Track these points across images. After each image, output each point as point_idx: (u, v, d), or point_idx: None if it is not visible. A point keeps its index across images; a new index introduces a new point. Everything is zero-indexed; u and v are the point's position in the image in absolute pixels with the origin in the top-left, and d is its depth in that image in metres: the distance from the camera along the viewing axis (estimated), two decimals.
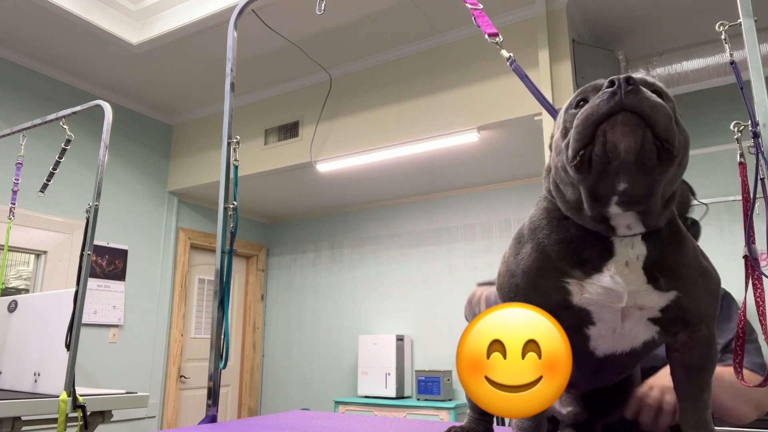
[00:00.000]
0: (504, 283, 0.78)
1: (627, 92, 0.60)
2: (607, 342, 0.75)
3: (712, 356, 0.76)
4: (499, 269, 0.81)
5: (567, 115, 0.68)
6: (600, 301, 0.70)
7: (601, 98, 0.61)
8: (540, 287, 0.72)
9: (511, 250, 0.78)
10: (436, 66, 3.59)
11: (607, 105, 0.60)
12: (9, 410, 1.83)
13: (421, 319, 4.59)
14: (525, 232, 0.77)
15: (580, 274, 0.70)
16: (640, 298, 0.70)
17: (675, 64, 3.29)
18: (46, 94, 3.97)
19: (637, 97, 0.60)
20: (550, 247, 0.72)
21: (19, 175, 2.77)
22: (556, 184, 0.71)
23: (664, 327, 0.74)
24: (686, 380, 0.75)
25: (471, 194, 4.61)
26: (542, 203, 0.77)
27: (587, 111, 0.62)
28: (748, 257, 0.97)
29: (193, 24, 3.39)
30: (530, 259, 0.73)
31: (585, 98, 0.67)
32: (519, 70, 1.22)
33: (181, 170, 4.71)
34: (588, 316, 0.72)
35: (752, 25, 1.02)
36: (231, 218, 1.56)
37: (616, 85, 0.61)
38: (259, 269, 5.56)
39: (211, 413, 1.42)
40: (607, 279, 0.69)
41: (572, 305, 0.71)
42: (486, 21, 1.27)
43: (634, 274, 0.69)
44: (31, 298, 2.43)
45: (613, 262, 0.69)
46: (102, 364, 4.06)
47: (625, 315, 0.71)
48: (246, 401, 5.25)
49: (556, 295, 0.71)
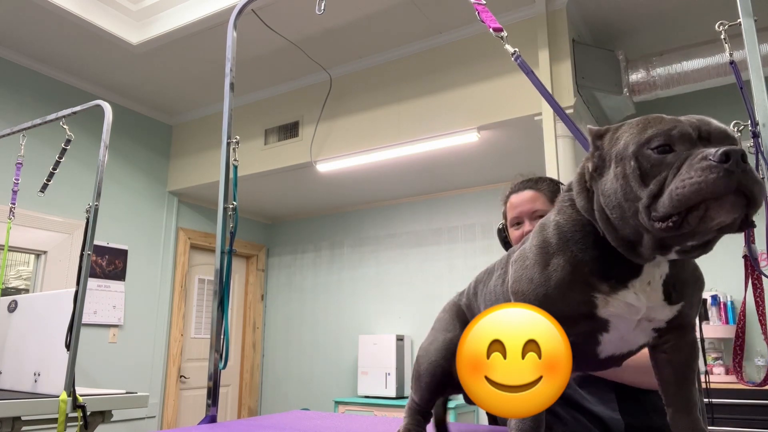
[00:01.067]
0: (527, 290, 0.77)
1: (742, 172, 0.59)
2: (613, 346, 0.78)
3: (696, 355, 0.79)
4: (518, 274, 0.80)
5: (643, 154, 0.65)
6: (621, 314, 0.73)
7: (716, 174, 0.58)
8: (569, 299, 0.73)
9: (538, 258, 0.77)
10: (436, 66, 3.59)
11: (724, 185, 0.58)
12: (9, 410, 1.83)
13: (421, 319, 4.58)
14: (553, 242, 0.76)
15: (608, 289, 0.72)
16: (654, 312, 0.73)
17: (675, 64, 3.28)
18: (46, 94, 3.97)
19: (749, 178, 0.59)
20: (584, 262, 0.72)
21: (19, 175, 2.77)
22: (606, 215, 0.70)
23: (662, 333, 0.77)
24: (674, 379, 0.78)
25: (471, 194, 4.61)
26: (571, 213, 0.76)
27: (699, 183, 0.59)
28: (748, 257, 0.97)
29: (193, 24, 3.39)
30: (564, 271, 0.73)
31: (669, 144, 0.64)
32: (524, 66, 1.21)
33: (181, 170, 4.71)
34: (605, 325, 0.75)
35: (752, 25, 1.02)
36: (231, 218, 1.56)
37: (732, 162, 0.58)
38: (259, 269, 5.56)
39: (211, 413, 1.42)
40: (631, 296, 0.71)
41: (595, 316, 0.73)
42: (490, 16, 1.27)
43: (655, 292, 0.72)
44: (31, 298, 2.43)
45: (638, 281, 0.71)
46: (102, 364, 4.06)
47: (637, 325, 0.74)
48: (246, 401, 5.25)
49: (583, 307, 0.73)
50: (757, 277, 0.97)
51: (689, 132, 0.64)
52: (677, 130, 0.64)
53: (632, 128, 0.69)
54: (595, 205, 0.71)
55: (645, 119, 0.68)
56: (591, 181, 0.73)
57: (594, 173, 0.72)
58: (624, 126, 0.70)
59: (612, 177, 0.68)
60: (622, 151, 0.68)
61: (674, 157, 0.63)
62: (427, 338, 1.06)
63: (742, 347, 1.02)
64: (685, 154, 0.62)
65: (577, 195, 0.75)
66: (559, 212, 0.78)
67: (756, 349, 3.33)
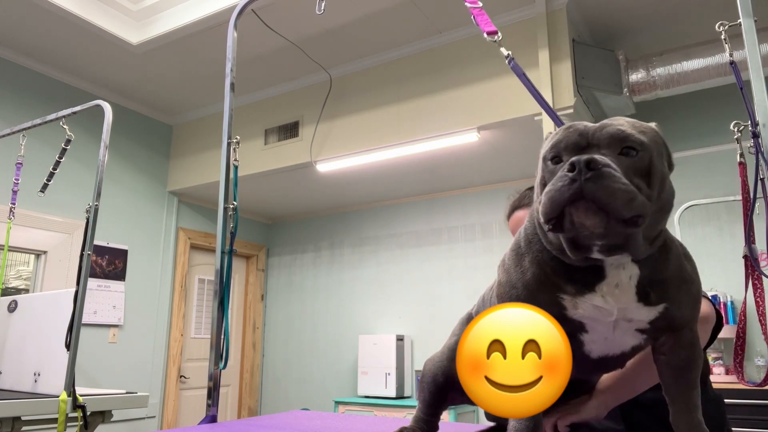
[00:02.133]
0: (504, 293, 0.79)
1: (586, 179, 0.62)
2: (600, 346, 0.78)
3: (696, 356, 0.78)
4: (500, 278, 0.82)
5: (544, 167, 0.71)
6: (591, 316, 0.73)
7: (563, 182, 0.63)
8: (539, 300, 0.73)
9: (512, 261, 0.80)
10: (436, 66, 3.59)
11: (568, 192, 0.62)
12: (9, 410, 1.83)
13: (421, 319, 4.58)
14: (522, 244, 0.78)
15: (573, 291, 0.72)
16: (629, 313, 0.72)
17: (675, 64, 3.28)
18: (46, 94, 3.97)
19: (595, 185, 0.61)
20: (545, 262, 0.74)
21: (19, 175, 2.77)
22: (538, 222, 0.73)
23: (651, 335, 0.77)
24: (673, 381, 0.78)
25: (471, 194, 4.61)
26: (536, 216, 0.78)
27: (551, 192, 0.64)
28: (749, 257, 0.97)
29: (193, 24, 3.39)
30: (530, 272, 0.75)
31: (558, 155, 0.69)
32: (517, 69, 1.22)
33: (181, 170, 4.71)
34: (582, 326, 0.75)
35: (752, 25, 1.02)
36: (231, 218, 1.56)
37: (576, 171, 0.62)
38: (259, 269, 5.56)
39: (211, 413, 1.42)
40: (598, 299, 0.71)
41: (567, 317, 0.74)
42: (485, 19, 1.28)
43: (625, 294, 0.71)
44: (31, 298, 2.43)
45: (605, 284, 0.71)
46: (102, 364, 4.06)
47: (615, 326, 0.74)
48: (246, 401, 5.25)
49: (552, 309, 0.73)
50: (757, 277, 0.97)
51: (576, 141, 0.67)
52: (565, 141, 0.68)
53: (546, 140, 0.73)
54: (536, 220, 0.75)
55: (558, 130, 0.72)
56: None
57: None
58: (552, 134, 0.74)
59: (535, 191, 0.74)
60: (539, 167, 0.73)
61: (560, 167, 0.67)
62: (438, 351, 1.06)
63: (742, 347, 1.02)
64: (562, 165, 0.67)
65: (537, 201, 0.78)
66: (529, 217, 0.81)
67: (756, 349, 3.33)
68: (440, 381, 0.97)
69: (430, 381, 0.98)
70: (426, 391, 0.99)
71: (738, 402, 2.99)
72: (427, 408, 0.99)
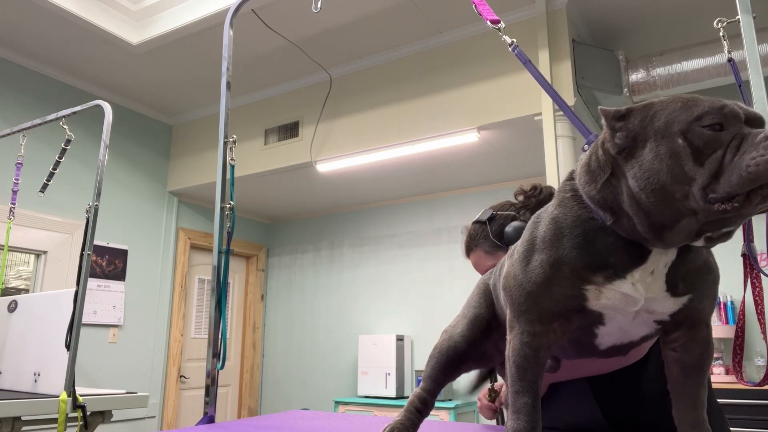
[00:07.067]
0: (513, 286, 0.75)
1: None
2: (612, 338, 0.75)
3: (709, 354, 0.75)
4: (507, 270, 0.77)
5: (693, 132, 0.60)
6: (615, 305, 0.69)
7: None
8: (555, 294, 0.70)
9: (522, 254, 0.75)
10: (436, 66, 3.59)
11: None
12: (9, 410, 1.83)
13: (421, 319, 4.58)
14: (543, 237, 0.72)
15: (601, 279, 0.68)
16: (654, 304, 0.69)
17: (675, 64, 3.28)
18: (46, 94, 3.97)
19: None
20: (575, 256, 0.69)
21: (19, 175, 2.77)
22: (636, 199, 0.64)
23: (666, 327, 0.73)
24: (683, 379, 0.74)
25: (471, 194, 4.61)
26: (572, 207, 0.72)
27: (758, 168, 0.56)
28: (748, 256, 0.97)
29: (193, 24, 3.39)
30: (545, 267, 0.70)
31: (721, 123, 0.60)
32: (522, 56, 1.20)
33: (180, 170, 4.72)
34: (600, 318, 0.71)
35: (750, 22, 1.02)
36: (228, 218, 1.56)
37: None
38: (259, 269, 5.55)
39: (209, 413, 1.42)
40: (627, 286, 0.67)
41: (586, 309, 0.70)
42: (487, 8, 1.27)
43: (656, 282, 0.67)
44: (31, 298, 2.42)
45: (640, 270, 0.67)
46: (102, 364, 4.06)
47: (635, 316, 0.70)
48: (246, 401, 5.25)
49: (571, 302, 0.70)
50: (756, 277, 0.97)
51: (738, 112, 0.60)
52: (728, 109, 0.61)
53: (671, 105, 0.63)
54: (625, 191, 0.65)
55: (681, 97, 0.64)
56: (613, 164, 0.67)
57: (619, 156, 0.65)
58: (656, 104, 0.65)
59: (651, 157, 0.62)
60: (664, 129, 0.62)
61: (728, 136, 0.59)
62: (453, 321, 1.00)
63: (741, 347, 1.01)
64: (740, 133, 0.59)
65: (586, 184, 0.69)
66: (559, 205, 0.73)
67: (756, 348, 3.33)
68: (462, 347, 0.92)
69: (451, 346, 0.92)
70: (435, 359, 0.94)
71: (737, 402, 2.99)
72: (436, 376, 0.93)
